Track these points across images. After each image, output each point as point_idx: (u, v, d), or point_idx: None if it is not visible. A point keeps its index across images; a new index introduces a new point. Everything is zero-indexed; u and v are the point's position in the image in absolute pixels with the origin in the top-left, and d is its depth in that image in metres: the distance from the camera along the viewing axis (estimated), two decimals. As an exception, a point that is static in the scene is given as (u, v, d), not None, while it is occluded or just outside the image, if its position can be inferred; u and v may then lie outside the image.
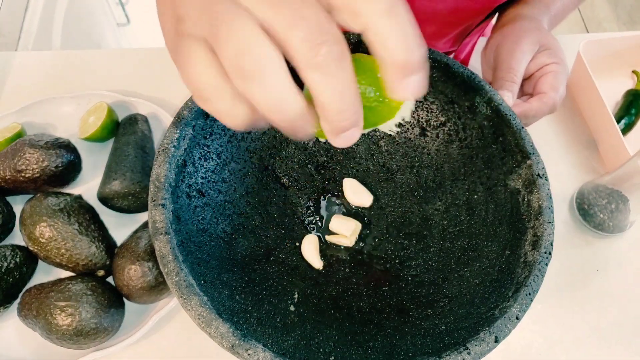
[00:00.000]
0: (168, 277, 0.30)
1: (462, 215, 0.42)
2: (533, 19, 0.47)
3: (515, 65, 0.43)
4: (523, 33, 0.44)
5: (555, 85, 0.43)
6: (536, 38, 0.44)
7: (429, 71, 0.41)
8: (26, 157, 0.45)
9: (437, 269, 0.40)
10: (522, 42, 0.43)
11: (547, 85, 0.43)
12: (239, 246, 0.39)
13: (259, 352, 0.28)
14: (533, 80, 0.45)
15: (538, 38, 0.44)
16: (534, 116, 0.43)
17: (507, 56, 0.44)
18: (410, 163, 0.46)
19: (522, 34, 0.44)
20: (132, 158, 0.48)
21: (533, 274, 0.33)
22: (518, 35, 0.44)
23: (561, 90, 0.43)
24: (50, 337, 0.40)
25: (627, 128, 0.58)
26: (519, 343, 0.46)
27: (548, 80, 0.43)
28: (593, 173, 0.55)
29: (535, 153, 0.37)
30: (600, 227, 0.50)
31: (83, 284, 0.41)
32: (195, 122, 0.36)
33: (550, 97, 0.42)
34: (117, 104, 0.55)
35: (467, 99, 0.41)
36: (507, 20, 0.48)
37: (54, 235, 0.42)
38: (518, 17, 0.47)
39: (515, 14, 0.48)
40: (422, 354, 0.31)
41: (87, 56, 0.61)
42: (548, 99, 0.42)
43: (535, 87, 0.44)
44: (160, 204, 0.32)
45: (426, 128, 0.44)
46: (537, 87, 0.44)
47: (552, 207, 0.35)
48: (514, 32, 0.45)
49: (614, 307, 0.48)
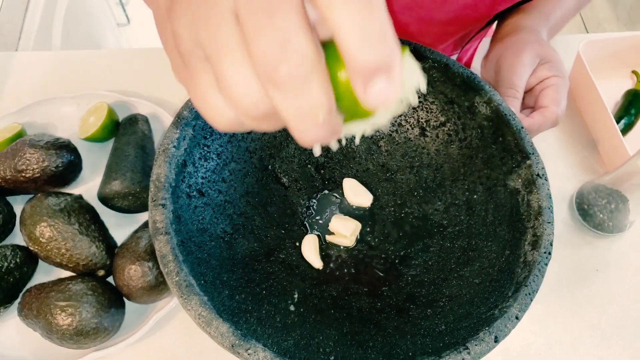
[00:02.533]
0: (168, 277, 0.30)
1: (462, 215, 0.42)
2: (532, 31, 0.47)
3: (517, 80, 0.43)
4: (523, 46, 0.44)
5: (557, 99, 0.43)
6: (536, 52, 0.44)
7: (427, 73, 0.41)
8: (26, 157, 0.45)
9: (437, 268, 0.40)
10: (523, 56, 0.44)
11: (548, 100, 0.43)
12: (239, 246, 0.39)
13: (259, 351, 0.28)
14: (534, 94, 0.45)
15: (538, 51, 0.44)
16: (536, 130, 0.43)
17: (508, 71, 0.44)
18: (410, 163, 0.46)
19: (522, 48, 0.44)
20: (133, 158, 0.48)
21: (533, 273, 0.33)
22: (518, 49, 0.44)
23: (563, 104, 0.43)
24: (50, 337, 0.40)
25: (626, 128, 0.58)
26: (518, 343, 0.46)
27: (549, 94, 0.43)
28: (593, 173, 0.56)
29: (535, 153, 0.37)
30: (600, 227, 0.50)
31: (83, 284, 0.41)
32: (196, 122, 0.36)
33: (552, 111, 0.43)
34: (118, 104, 0.55)
35: (467, 99, 0.41)
36: (507, 31, 0.48)
37: (54, 235, 0.42)
38: (517, 29, 0.47)
39: (515, 25, 0.48)
40: (422, 353, 0.31)
41: (88, 56, 0.61)
42: (550, 113, 0.43)
43: (537, 101, 0.44)
44: (161, 204, 0.32)
45: (426, 128, 0.45)
46: (539, 101, 0.44)
47: (551, 207, 0.35)
48: (514, 45, 0.45)
49: (614, 307, 0.48)
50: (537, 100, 0.44)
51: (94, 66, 0.61)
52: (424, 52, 0.40)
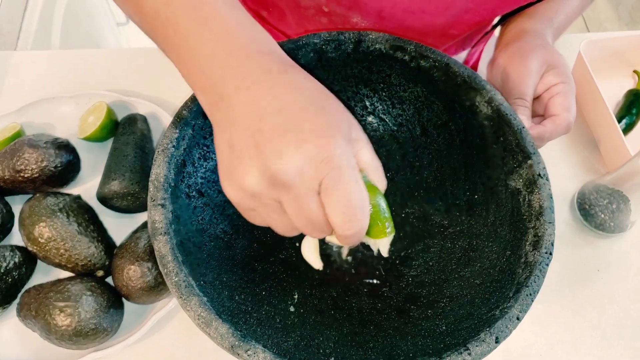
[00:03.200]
0: (167, 277, 0.30)
1: (463, 215, 0.42)
2: (537, 34, 0.47)
3: (525, 89, 0.43)
4: (529, 53, 0.44)
5: (566, 106, 0.43)
6: (542, 58, 0.44)
7: (428, 73, 0.41)
8: (25, 157, 0.45)
9: (437, 269, 0.40)
10: (530, 64, 0.43)
11: (558, 107, 0.43)
12: (239, 246, 0.39)
13: (259, 352, 0.28)
14: (542, 102, 0.45)
15: (544, 57, 0.44)
16: (548, 138, 0.43)
17: (516, 80, 0.43)
18: (410, 163, 0.45)
19: (528, 55, 0.44)
20: (132, 158, 0.48)
21: (534, 274, 0.32)
22: (524, 56, 0.44)
23: (573, 110, 0.43)
24: (49, 338, 0.40)
25: (628, 128, 0.58)
26: (519, 344, 0.46)
27: (559, 101, 0.43)
28: (594, 173, 0.55)
29: (536, 153, 0.37)
30: (601, 227, 0.50)
31: (82, 285, 0.41)
32: (195, 121, 0.36)
33: (563, 118, 0.43)
34: (117, 103, 0.54)
35: (468, 98, 0.41)
36: (511, 36, 0.47)
37: (53, 235, 0.42)
38: (522, 33, 0.47)
39: (519, 28, 0.48)
40: (423, 354, 0.31)
41: (87, 56, 0.61)
42: (562, 120, 0.43)
43: (546, 109, 0.44)
44: (160, 204, 0.32)
45: (427, 128, 0.44)
46: (549, 109, 0.44)
47: (553, 207, 0.35)
48: (519, 51, 0.45)
49: (615, 307, 0.48)
50: (546, 108, 0.44)
51: (93, 66, 0.60)
52: (425, 51, 0.40)
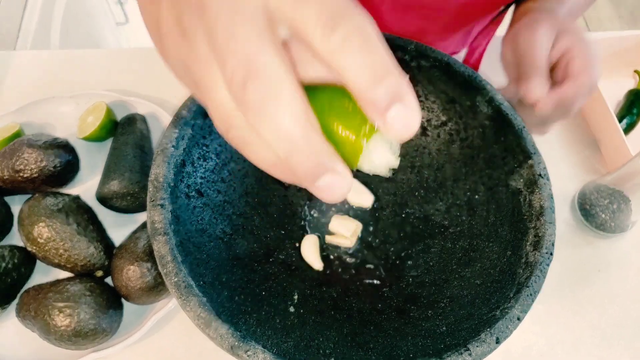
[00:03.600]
0: (167, 277, 0.30)
1: (463, 215, 0.42)
2: (548, 11, 0.45)
3: (536, 56, 0.40)
4: (537, 23, 0.42)
5: (586, 64, 0.39)
6: (550, 24, 0.41)
7: (428, 72, 0.41)
8: (24, 157, 0.45)
9: (438, 269, 0.40)
10: (538, 31, 0.41)
11: (577, 67, 0.39)
12: (239, 247, 0.39)
13: (259, 353, 0.28)
14: (560, 68, 0.42)
15: (552, 24, 0.42)
16: (571, 101, 0.39)
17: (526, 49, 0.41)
18: (411, 163, 0.45)
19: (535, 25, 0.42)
20: (131, 158, 0.48)
21: (534, 274, 0.32)
22: (532, 26, 0.42)
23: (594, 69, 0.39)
24: (48, 338, 0.40)
25: (629, 128, 0.58)
26: (520, 344, 0.46)
27: (577, 63, 0.40)
28: (595, 173, 0.55)
29: (537, 153, 0.37)
30: (602, 228, 0.50)
31: (81, 285, 0.41)
32: (194, 121, 0.36)
33: (585, 76, 0.39)
34: (116, 103, 0.54)
35: (468, 98, 0.40)
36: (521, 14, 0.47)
37: (53, 235, 0.42)
38: (531, 10, 0.46)
39: (528, 7, 0.47)
40: (423, 355, 0.31)
41: (86, 55, 0.61)
42: (583, 78, 0.39)
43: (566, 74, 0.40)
44: (159, 204, 0.32)
45: (427, 127, 0.44)
46: (569, 73, 0.40)
47: (553, 208, 0.35)
48: (528, 23, 0.43)
49: (616, 307, 0.48)
50: (566, 73, 0.40)
51: (93, 65, 0.60)
52: (425, 51, 0.40)
